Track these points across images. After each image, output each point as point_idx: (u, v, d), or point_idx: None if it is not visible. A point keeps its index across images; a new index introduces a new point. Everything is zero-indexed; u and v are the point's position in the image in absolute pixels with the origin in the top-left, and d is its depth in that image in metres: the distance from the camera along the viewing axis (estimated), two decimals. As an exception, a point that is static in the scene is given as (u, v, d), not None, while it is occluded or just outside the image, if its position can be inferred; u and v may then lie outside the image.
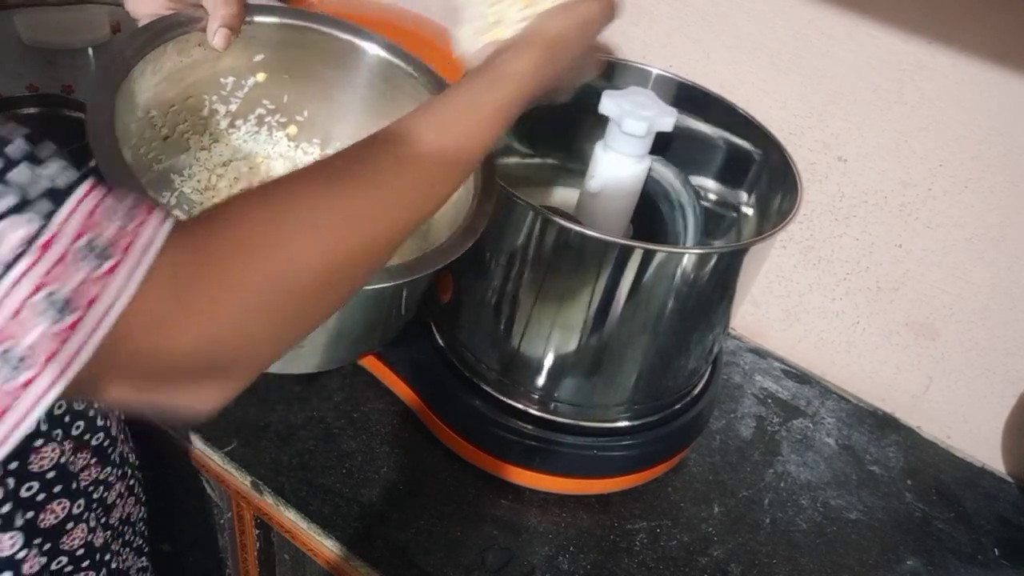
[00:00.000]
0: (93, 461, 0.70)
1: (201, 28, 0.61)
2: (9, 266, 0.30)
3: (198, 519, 0.93)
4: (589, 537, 0.76)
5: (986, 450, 0.94)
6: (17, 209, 0.31)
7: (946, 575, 0.80)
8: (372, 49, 0.69)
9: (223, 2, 0.60)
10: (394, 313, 0.64)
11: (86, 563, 0.69)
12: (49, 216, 0.31)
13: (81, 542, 0.68)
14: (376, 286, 0.54)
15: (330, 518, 0.73)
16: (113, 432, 0.70)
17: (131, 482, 0.75)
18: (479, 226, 0.59)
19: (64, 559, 0.68)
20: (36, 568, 0.61)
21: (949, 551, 0.83)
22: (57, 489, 0.65)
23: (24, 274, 0.30)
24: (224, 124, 0.70)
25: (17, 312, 0.30)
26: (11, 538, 0.58)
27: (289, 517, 0.75)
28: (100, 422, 0.68)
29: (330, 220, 0.40)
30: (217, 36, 0.61)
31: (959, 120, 0.80)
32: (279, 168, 0.72)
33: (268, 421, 0.81)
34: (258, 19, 0.64)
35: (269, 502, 0.76)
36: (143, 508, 0.78)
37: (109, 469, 0.71)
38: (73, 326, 0.31)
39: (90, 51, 1.03)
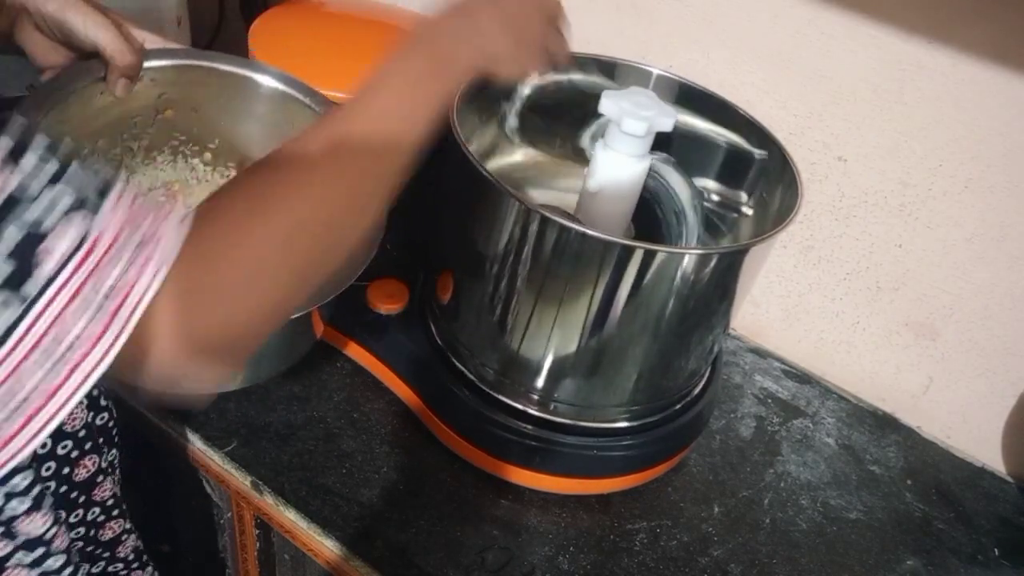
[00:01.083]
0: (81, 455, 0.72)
1: (101, 78, 0.64)
2: (67, 260, 0.34)
3: (198, 519, 0.93)
4: (589, 537, 0.76)
5: (986, 450, 0.94)
6: (76, 207, 0.35)
7: (946, 575, 0.80)
8: (267, 82, 0.71)
9: (120, 54, 0.63)
10: (303, 333, 0.69)
11: (116, 511, 0.71)
12: (97, 210, 0.35)
13: (110, 493, 0.71)
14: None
15: (330, 518, 0.73)
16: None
17: (109, 459, 0.77)
18: (372, 248, 0.64)
19: (97, 509, 0.70)
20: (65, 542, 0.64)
21: (949, 551, 0.83)
22: (88, 446, 0.68)
23: (78, 267, 0.34)
24: (139, 158, 0.74)
25: (71, 300, 0.34)
26: (43, 516, 0.61)
27: (289, 517, 0.75)
28: None
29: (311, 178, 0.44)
30: (118, 86, 0.64)
31: (959, 120, 0.80)
32: (198, 192, 0.76)
33: (268, 421, 0.81)
34: (156, 63, 0.67)
35: (269, 502, 0.76)
36: (119, 486, 0.80)
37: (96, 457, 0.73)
38: (115, 311, 0.35)
39: (90, 51, 1.03)
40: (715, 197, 0.82)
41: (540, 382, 0.74)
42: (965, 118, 0.80)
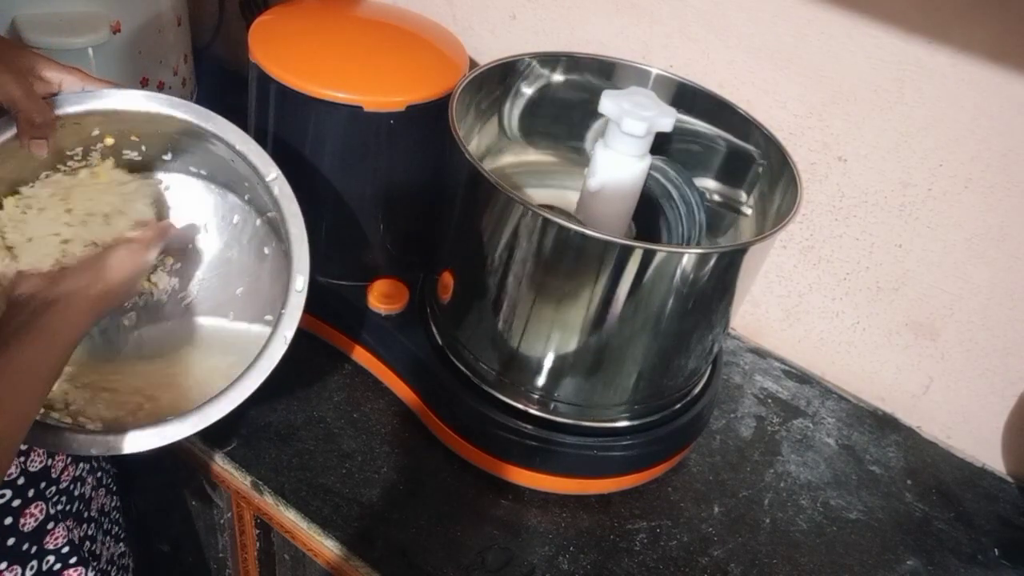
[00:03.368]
0: (69, 460, 0.71)
1: (15, 136, 0.63)
2: None
3: (198, 519, 0.93)
4: (589, 537, 0.76)
5: (986, 450, 0.94)
6: None
7: (946, 575, 0.80)
8: (183, 116, 0.70)
9: (29, 115, 0.61)
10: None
11: (73, 559, 0.70)
12: None
13: (64, 540, 0.69)
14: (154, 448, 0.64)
15: (330, 518, 0.73)
16: None
17: (99, 474, 0.77)
18: (279, 352, 0.66)
19: (51, 558, 0.69)
20: None
21: (949, 551, 0.83)
22: (31, 493, 0.67)
23: None
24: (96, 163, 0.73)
25: None
26: None
27: (289, 517, 0.75)
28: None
29: None
30: (32, 147, 0.63)
31: (959, 120, 0.80)
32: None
33: (268, 421, 0.81)
34: (75, 109, 0.66)
35: (269, 502, 0.76)
36: (115, 497, 0.80)
37: (82, 464, 0.73)
38: None
39: (90, 51, 1.03)
40: (715, 197, 0.83)
41: (540, 382, 0.74)
42: (965, 118, 0.80)
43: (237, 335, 0.76)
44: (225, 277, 0.78)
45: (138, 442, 0.63)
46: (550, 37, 1.00)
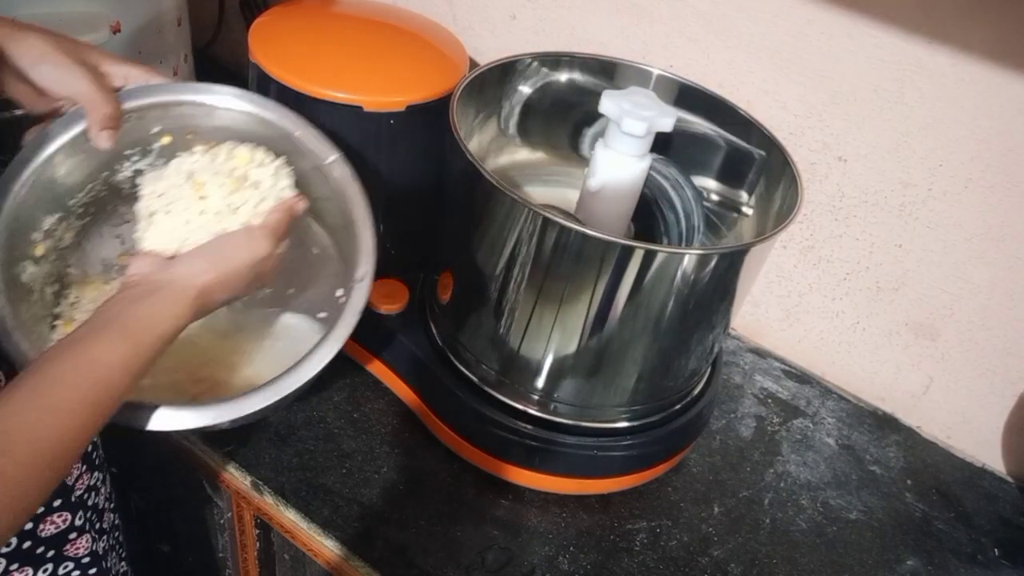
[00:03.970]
0: (84, 468, 0.70)
1: (85, 127, 0.63)
2: None
3: (198, 519, 0.93)
4: (589, 537, 0.76)
5: (986, 450, 0.94)
6: None
7: (946, 575, 0.80)
8: (245, 108, 0.69)
9: (96, 106, 0.61)
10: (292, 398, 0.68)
11: (93, 571, 0.70)
12: None
13: (86, 551, 0.68)
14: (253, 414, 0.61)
15: (330, 518, 0.73)
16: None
17: (106, 486, 0.76)
18: (351, 325, 0.65)
19: (70, 564, 0.68)
20: None
21: (949, 551, 0.83)
22: (57, 503, 0.66)
23: None
24: (151, 160, 0.72)
25: None
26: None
27: (289, 517, 0.75)
28: None
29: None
30: (99, 139, 0.62)
31: (959, 120, 0.80)
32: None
33: (268, 421, 0.81)
34: (138, 103, 0.66)
35: (269, 502, 0.76)
36: (116, 516, 0.79)
37: (96, 474, 0.72)
38: None
39: (90, 51, 1.03)
40: (715, 197, 0.83)
41: (540, 382, 0.74)
42: (965, 118, 0.80)
43: (290, 328, 0.76)
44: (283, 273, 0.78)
45: (228, 412, 0.60)
46: (550, 37, 1.00)
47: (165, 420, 0.59)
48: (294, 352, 0.64)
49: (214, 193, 0.62)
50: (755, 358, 1.02)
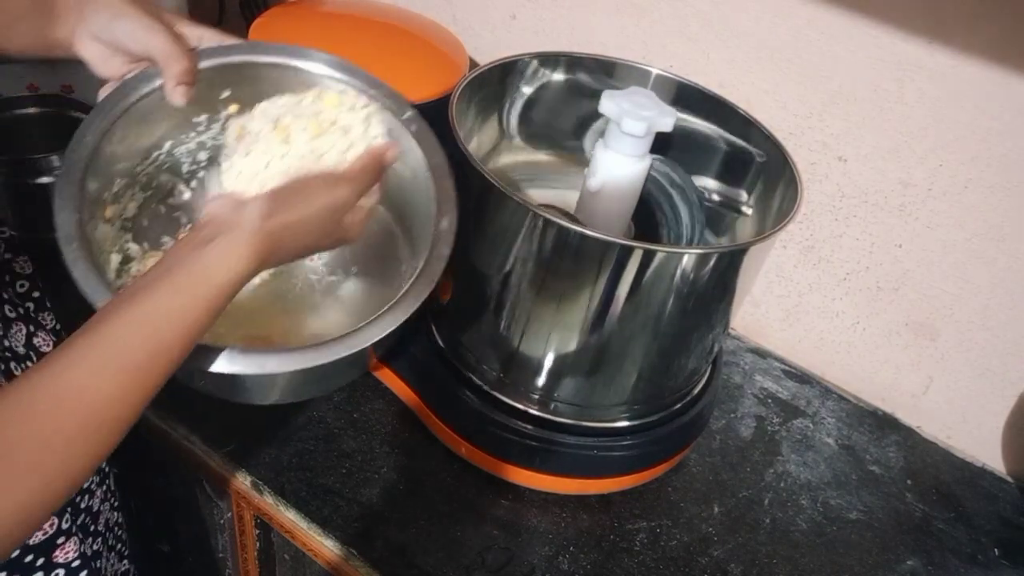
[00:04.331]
0: None
1: (160, 86, 0.62)
2: None
3: (198, 519, 0.93)
4: (589, 537, 0.76)
5: (986, 450, 0.94)
6: None
7: (946, 575, 0.80)
8: (318, 69, 0.68)
9: (174, 60, 0.60)
10: (363, 357, 0.64)
11: (83, 574, 0.69)
12: None
13: (76, 554, 0.68)
14: (342, 355, 0.56)
15: (330, 518, 0.73)
16: None
17: (104, 487, 0.75)
18: (439, 269, 0.61)
19: (61, 572, 0.68)
20: None
21: (949, 551, 0.83)
22: None
23: None
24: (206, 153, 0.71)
25: None
26: None
27: (289, 517, 0.75)
28: None
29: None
30: (175, 95, 0.61)
31: (959, 120, 0.80)
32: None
33: (268, 421, 0.81)
34: (212, 63, 0.64)
35: (269, 502, 0.76)
36: (118, 513, 0.78)
37: (93, 477, 0.72)
38: None
39: (90, 51, 1.03)
40: (715, 197, 0.83)
41: (540, 382, 0.74)
42: (965, 118, 0.80)
43: (354, 296, 0.74)
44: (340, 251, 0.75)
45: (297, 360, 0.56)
46: (550, 37, 1.00)
47: (259, 363, 0.55)
48: (358, 319, 0.60)
49: (298, 137, 0.57)
50: (755, 358, 1.02)
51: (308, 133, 0.57)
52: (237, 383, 0.61)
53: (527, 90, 0.83)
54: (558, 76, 0.83)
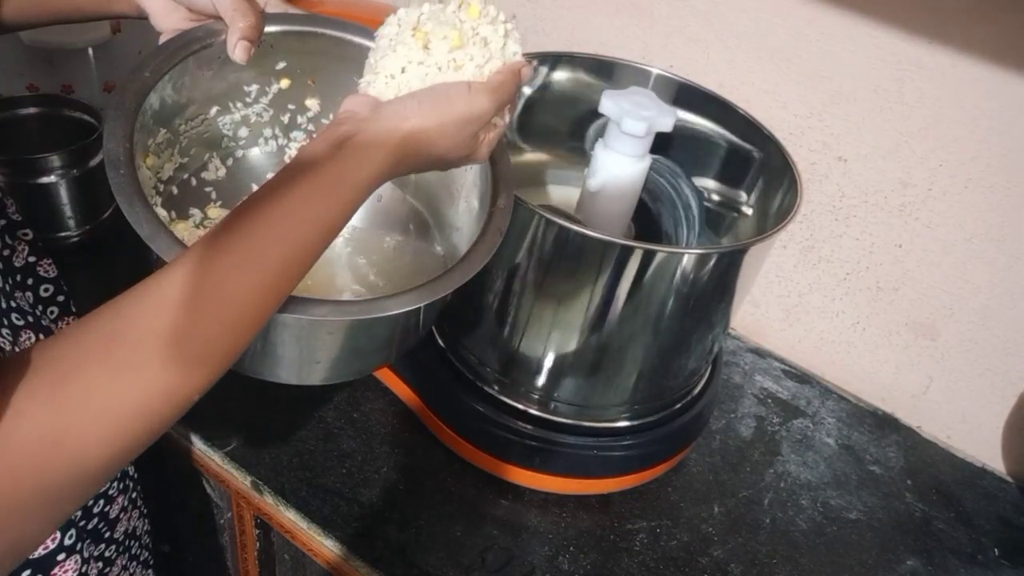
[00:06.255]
0: None
1: (221, 41, 0.61)
2: None
3: (198, 519, 0.93)
4: (589, 537, 0.76)
5: (986, 450, 0.94)
6: None
7: (946, 575, 0.80)
8: (364, 40, 0.66)
9: (241, 15, 0.59)
10: (412, 329, 0.64)
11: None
12: None
13: (75, 573, 0.66)
14: (397, 311, 0.54)
15: (330, 518, 0.73)
16: None
17: (132, 495, 0.74)
18: (495, 241, 0.58)
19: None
20: None
21: (949, 551, 0.83)
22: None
23: None
24: (240, 131, 0.70)
25: None
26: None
27: (289, 517, 0.75)
28: None
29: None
30: (237, 49, 0.59)
31: (959, 120, 0.80)
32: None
33: (268, 421, 0.81)
34: (275, 28, 0.63)
35: (269, 502, 0.76)
36: (146, 521, 0.78)
37: (115, 484, 0.71)
38: None
39: (90, 51, 1.03)
40: (715, 197, 0.83)
41: (540, 382, 0.74)
42: (965, 118, 0.80)
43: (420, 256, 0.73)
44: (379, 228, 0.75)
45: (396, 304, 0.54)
46: (550, 37, 1.00)
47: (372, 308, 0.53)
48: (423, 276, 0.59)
49: (438, 46, 0.55)
50: (755, 358, 1.02)
51: (448, 42, 0.55)
52: (278, 355, 0.59)
53: (527, 90, 0.83)
54: (558, 76, 0.83)
